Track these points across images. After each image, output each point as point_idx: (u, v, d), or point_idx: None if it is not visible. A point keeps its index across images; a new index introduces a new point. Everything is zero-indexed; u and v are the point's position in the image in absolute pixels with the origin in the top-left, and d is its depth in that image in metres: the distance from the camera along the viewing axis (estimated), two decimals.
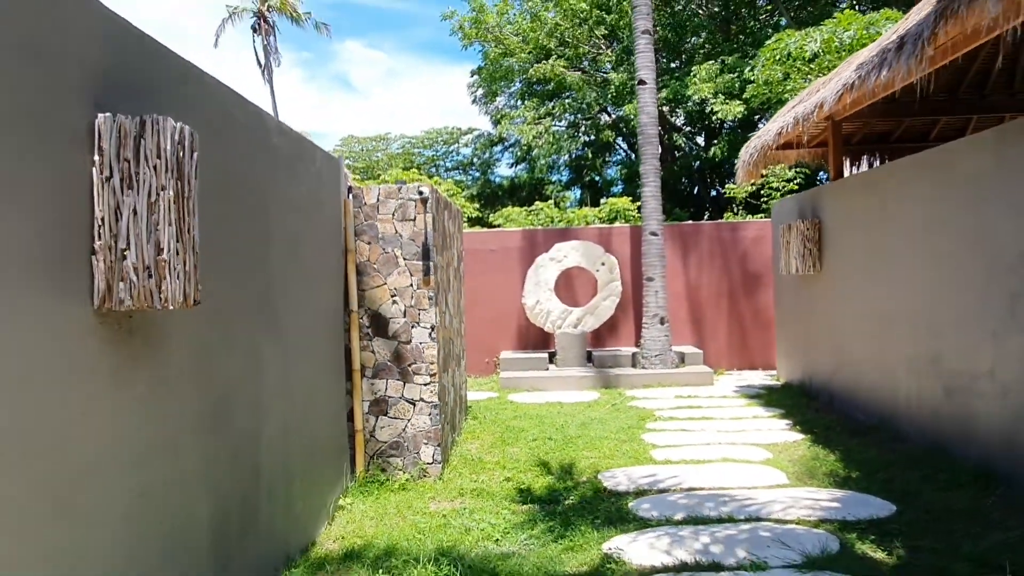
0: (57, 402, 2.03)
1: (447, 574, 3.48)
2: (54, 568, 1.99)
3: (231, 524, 3.12)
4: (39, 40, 1.99)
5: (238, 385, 3.25)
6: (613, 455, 5.80)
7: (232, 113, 3.24)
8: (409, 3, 56.65)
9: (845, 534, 3.91)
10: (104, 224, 2.17)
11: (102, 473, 2.22)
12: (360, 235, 5.31)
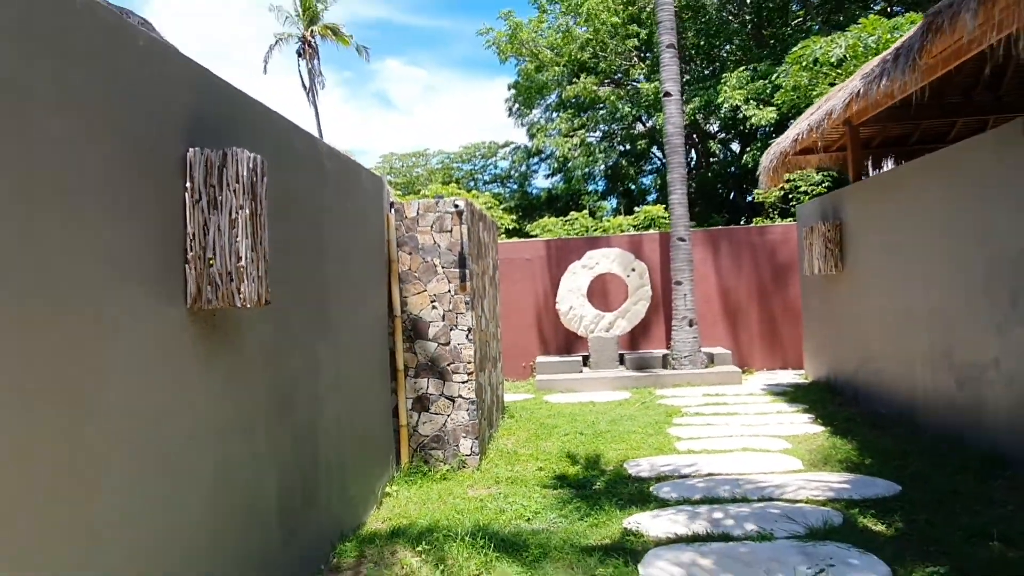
0: (159, 384, 2.52)
1: (482, 546, 3.91)
2: (162, 518, 2.48)
3: (295, 500, 3.60)
4: (148, 89, 2.50)
5: (299, 379, 3.74)
6: (639, 447, 6.17)
7: (291, 142, 3.75)
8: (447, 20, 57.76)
9: (849, 511, 4.24)
10: (195, 238, 2.67)
11: (194, 443, 2.71)
12: (402, 246, 5.81)
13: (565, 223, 17.05)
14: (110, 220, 2.28)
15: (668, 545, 3.85)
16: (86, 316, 2.15)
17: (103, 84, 2.27)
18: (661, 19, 9.89)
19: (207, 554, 2.73)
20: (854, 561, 3.45)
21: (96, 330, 2.19)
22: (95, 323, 2.19)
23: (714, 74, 20.37)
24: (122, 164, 2.35)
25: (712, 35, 19.56)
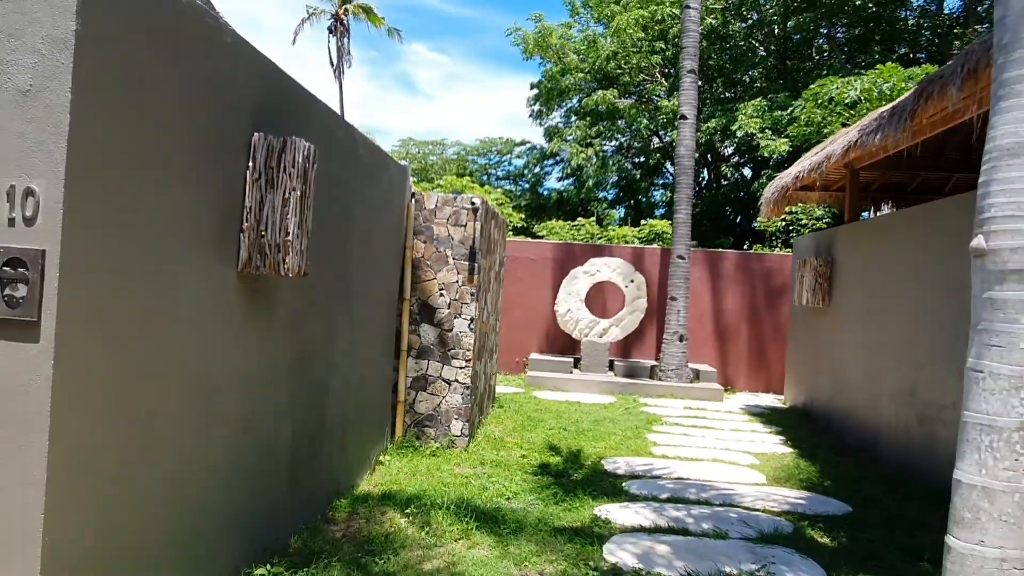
0: (210, 332, 2.91)
1: (464, 516, 4.30)
2: (193, 449, 2.87)
3: (302, 453, 4.00)
4: (228, 80, 2.89)
5: (317, 345, 4.13)
6: (618, 447, 6.57)
7: (334, 130, 4.14)
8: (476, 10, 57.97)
9: (800, 523, 4.64)
10: (251, 212, 3.06)
11: (230, 388, 3.10)
12: (418, 234, 6.20)
13: (572, 228, 17.44)
14: (189, 190, 2.67)
15: (631, 533, 4.25)
16: (164, 269, 2.54)
17: (197, 74, 2.66)
18: (685, 44, 10.28)
19: (226, 483, 3.13)
20: (795, 564, 3.86)
21: (171, 281, 2.59)
22: (171, 275, 2.58)
23: (734, 98, 20.76)
24: (202, 143, 2.74)
25: (736, 60, 19.93)
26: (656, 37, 20.63)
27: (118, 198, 2.26)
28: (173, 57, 2.50)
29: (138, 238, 2.38)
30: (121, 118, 2.24)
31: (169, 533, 2.68)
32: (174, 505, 2.70)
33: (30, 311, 1.99)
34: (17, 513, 2.00)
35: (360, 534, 3.98)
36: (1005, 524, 2.58)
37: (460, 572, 3.53)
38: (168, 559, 2.68)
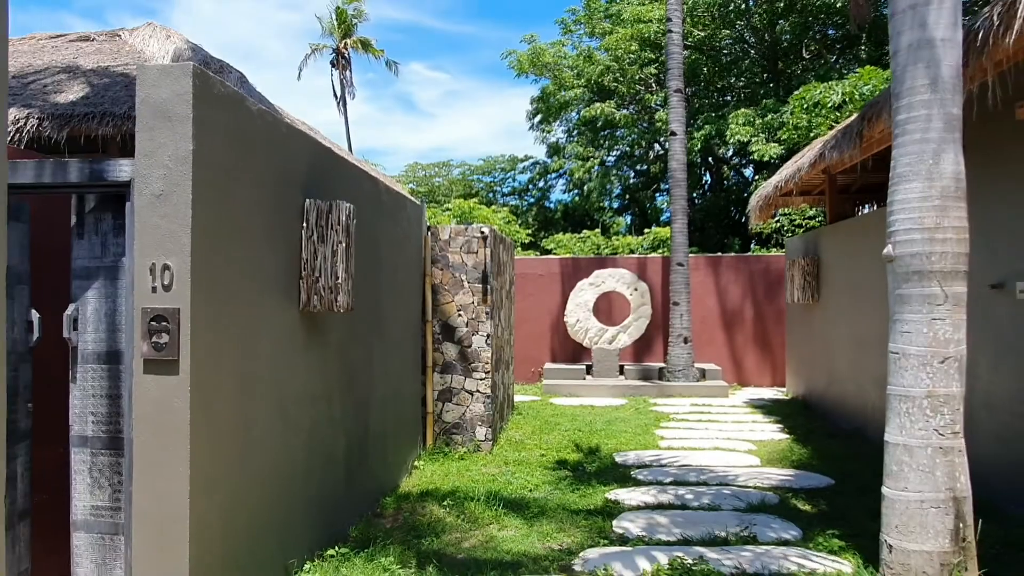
0: (283, 360, 3.66)
1: (493, 505, 5.02)
2: (280, 448, 3.61)
3: (354, 458, 4.74)
4: (286, 160, 3.66)
5: (359, 367, 4.88)
6: (628, 443, 7.27)
7: (363, 185, 4.91)
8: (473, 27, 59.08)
9: (785, 495, 5.32)
10: (307, 263, 3.82)
11: (299, 403, 3.85)
12: (435, 263, 6.95)
13: (578, 240, 18.17)
14: (264, 250, 3.43)
15: (638, 510, 4.95)
16: (253, 313, 3.30)
17: (265, 162, 3.43)
18: (670, 66, 11.03)
19: (303, 482, 3.87)
20: (775, 525, 4.55)
21: (257, 322, 3.35)
22: (257, 317, 3.34)
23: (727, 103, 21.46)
24: (270, 212, 3.51)
25: (725, 68, 20.65)
26: (648, 48, 21.38)
27: (222, 264, 3.02)
28: (250, 153, 3.27)
29: (236, 291, 3.14)
30: (221, 205, 3.00)
31: (267, 519, 3.43)
32: (270, 497, 3.44)
33: (172, 352, 2.75)
34: (173, 497, 2.75)
35: (407, 523, 4.71)
36: (921, 472, 3.27)
37: (495, 547, 4.24)
38: (267, 539, 3.43)
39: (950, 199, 3.29)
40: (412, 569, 3.83)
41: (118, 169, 2.89)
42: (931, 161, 3.30)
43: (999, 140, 5.02)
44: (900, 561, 3.32)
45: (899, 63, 3.42)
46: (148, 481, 2.78)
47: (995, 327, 5.08)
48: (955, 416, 3.32)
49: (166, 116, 2.77)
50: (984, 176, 5.31)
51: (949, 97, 3.28)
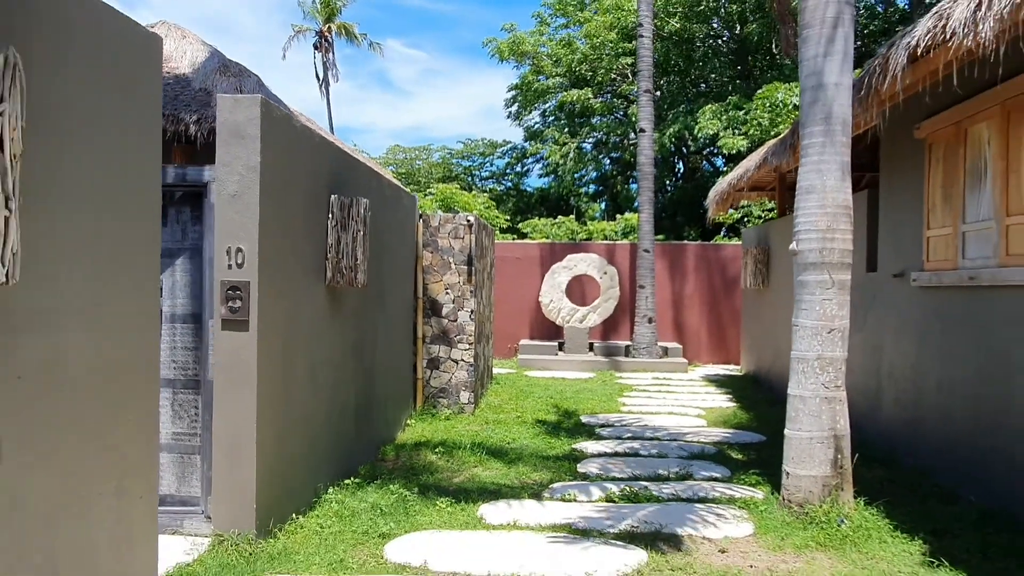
0: (313, 326, 4.55)
1: (478, 451, 5.96)
2: (312, 402, 4.51)
3: (362, 413, 5.64)
4: (317, 163, 4.53)
5: (366, 335, 5.78)
6: (595, 408, 8.26)
7: (371, 182, 5.78)
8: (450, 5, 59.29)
9: (722, 447, 6.34)
10: (332, 247, 4.70)
11: (324, 365, 4.75)
12: (426, 247, 7.84)
13: (554, 225, 19.09)
14: (303, 237, 4.31)
15: (598, 457, 5.94)
16: (295, 286, 4.19)
17: (306, 166, 4.31)
18: (640, 68, 11.94)
19: (326, 429, 4.78)
20: (710, 468, 5.55)
21: (297, 294, 4.23)
22: (298, 290, 4.23)
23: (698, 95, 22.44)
24: (306, 206, 4.38)
25: (697, 62, 21.61)
26: (625, 39, 22.23)
27: (277, 247, 3.90)
28: (295, 160, 4.15)
29: (285, 269, 4.02)
30: (276, 202, 3.88)
31: (301, 451, 4.34)
32: (303, 435, 4.35)
33: (243, 314, 3.64)
34: (243, 426, 3.66)
35: (405, 465, 5.64)
36: (811, 416, 4.27)
37: (480, 481, 5.20)
38: (301, 467, 4.34)
39: (839, 209, 4.27)
40: (415, 492, 4.76)
41: (199, 174, 3.76)
42: (825, 179, 4.27)
43: (903, 156, 6.03)
44: (794, 484, 4.33)
45: (804, 100, 4.37)
46: (224, 413, 3.68)
47: (896, 309, 6.12)
48: (838, 374, 4.33)
49: (240, 135, 3.64)
50: (892, 186, 6.33)
51: (839, 129, 4.24)
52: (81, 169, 2.20)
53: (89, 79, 2.24)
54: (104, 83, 2.32)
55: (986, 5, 3.49)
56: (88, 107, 2.23)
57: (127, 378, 2.57)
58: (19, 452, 2.09)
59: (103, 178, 2.32)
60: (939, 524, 4.22)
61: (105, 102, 2.32)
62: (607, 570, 3.54)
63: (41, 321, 2.13)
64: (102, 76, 2.32)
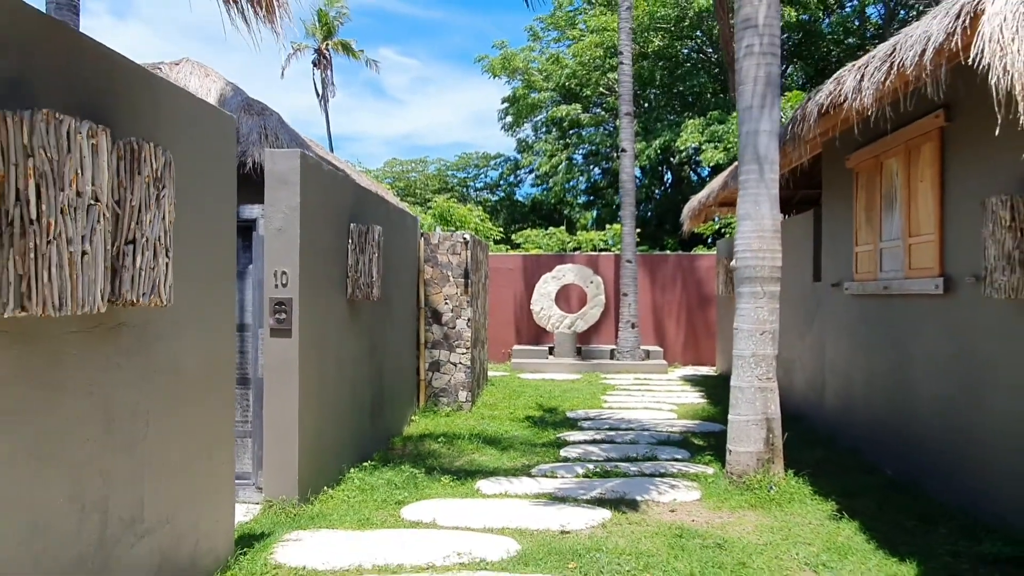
0: (339, 332, 5.48)
1: (475, 440, 6.89)
2: (340, 395, 5.44)
3: (375, 407, 6.56)
4: (341, 197, 5.46)
5: (378, 340, 6.70)
6: (579, 405, 9.20)
7: (380, 209, 6.73)
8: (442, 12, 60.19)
9: (687, 435, 7.29)
10: (352, 266, 5.64)
11: (346, 364, 5.68)
12: (427, 261, 8.77)
13: (545, 235, 20.07)
14: (330, 260, 5.25)
15: (579, 444, 6.87)
16: (326, 300, 5.12)
17: (333, 200, 5.25)
18: (622, 92, 12.93)
19: (347, 419, 5.71)
20: (673, 451, 6.50)
21: (327, 306, 5.17)
22: (328, 303, 5.17)
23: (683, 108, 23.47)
24: (332, 234, 5.32)
25: (680, 77, 22.64)
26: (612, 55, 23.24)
27: (312, 270, 4.84)
28: (324, 197, 5.09)
29: (317, 287, 4.96)
30: (311, 233, 4.82)
31: (330, 438, 5.27)
32: (331, 424, 5.28)
33: (287, 324, 4.57)
34: (288, 414, 4.58)
35: (412, 452, 6.57)
36: (748, 403, 5.22)
37: (477, 464, 6.12)
38: (330, 450, 5.27)
39: (768, 232, 5.22)
40: (422, 472, 5.69)
41: (249, 211, 4.70)
42: (758, 208, 5.22)
43: (839, 182, 7.00)
44: (735, 459, 5.27)
45: (741, 143, 5.33)
46: (273, 403, 4.61)
47: (835, 314, 7.08)
48: (769, 368, 5.27)
49: (284, 182, 4.58)
50: (831, 207, 7.31)
51: (768, 168, 5.20)
52: (193, 218, 3.15)
53: (198, 152, 3.20)
54: (205, 153, 3.28)
55: (867, 77, 4.46)
56: (197, 172, 3.19)
57: (217, 372, 3.52)
58: (159, 424, 3.03)
59: (205, 222, 3.27)
60: (852, 490, 5.16)
61: (207, 168, 3.28)
62: (578, 524, 4.47)
63: (171, 331, 3.07)
64: (204, 149, 3.28)
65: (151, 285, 2.59)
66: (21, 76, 2.22)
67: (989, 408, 4.43)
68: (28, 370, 2.27)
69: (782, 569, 3.78)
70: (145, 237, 2.54)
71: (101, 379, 2.63)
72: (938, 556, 3.94)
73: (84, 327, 2.51)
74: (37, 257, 2.09)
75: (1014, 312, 4.18)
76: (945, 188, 4.99)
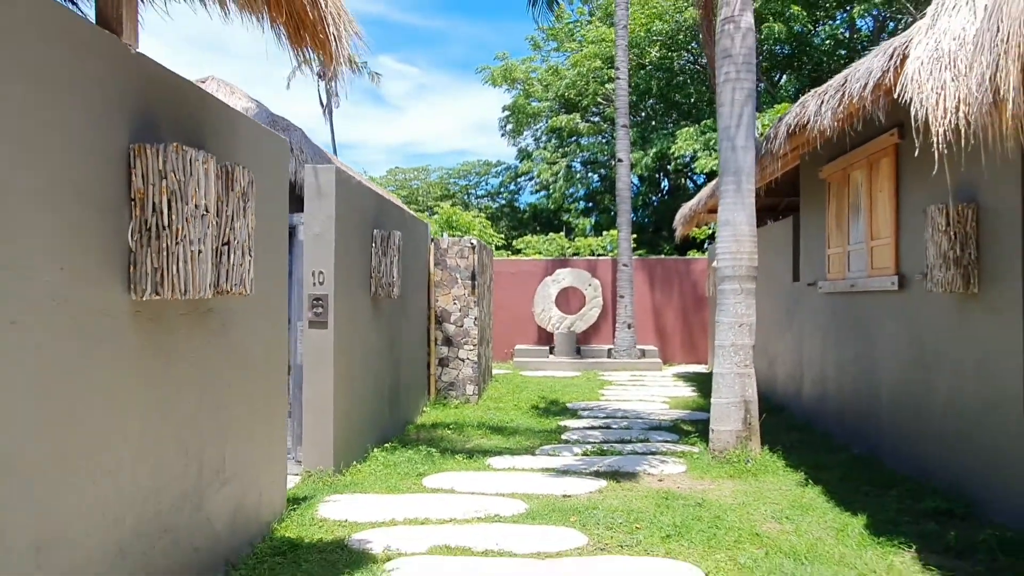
0: (364, 327, 6.16)
1: (482, 428, 7.56)
2: (360, 384, 6.11)
3: (393, 396, 7.23)
4: (366, 206, 6.15)
5: (395, 336, 7.38)
6: (578, 397, 9.87)
7: (398, 216, 7.41)
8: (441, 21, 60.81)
9: (677, 423, 7.96)
10: (375, 268, 6.32)
11: (371, 355, 6.35)
12: (436, 265, 9.46)
13: (545, 241, 20.77)
14: (356, 260, 5.94)
15: (579, 430, 7.55)
16: (354, 297, 5.81)
17: (359, 209, 5.93)
18: (618, 106, 13.64)
19: (370, 405, 6.38)
20: (664, 435, 7.17)
21: (356, 302, 5.85)
22: (356, 300, 5.85)
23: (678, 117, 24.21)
24: (359, 239, 6.00)
25: (676, 87, 23.38)
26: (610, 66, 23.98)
27: (343, 271, 5.52)
28: (352, 206, 5.78)
29: (347, 285, 5.64)
30: (343, 238, 5.50)
31: (357, 420, 5.94)
32: (357, 408, 5.95)
33: (324, 318, 5.25)
34: (324, 395, 5.26)
35: (426, 437, 7.24)
36: (728, 387, 5.89)
37: (485, 446, 6.79)
38: (356, 431, 5.94)
39: (745, 237, 5.91)
40: (438, 451, 6.36)
41: (292, 218, 5.38)
42: (736, 216, 5.91)
43: (814, 191, 7.69)
44: (717, 437, 5.94)
45: (721, 157, 6.02)
46: (311, 387, 5.29)
47: (811, 310, 7.77)
48: (747, 356, 5.95)
49: (321, 193, 5.27)
50: (808, 214, 8.00)
51: (745, 179, 5.89)
52: (260, 225, 3.84)
53: (263, 170, 3.89)
54: (267, 171, 3.97)
55: (825, 103, 5.16)
56: (262, 187, 3.87)
57: (274, 355, 4.20)
58: (235, 394, 3.71)
59: (267, 229, 3.96)
60: (820, 464, 5.84)
61: (268, 183, 3.97)
62: (578, 490, 5.14)
63: (243, 319, 3.75)
64: (267, 167, 3.97)
65: (240, 278, 3.28)
66: (154, 117, 2.91)
67: (935, 387, 5.11)
68: (154, 342, 2.96)
69: (751, 521, 4.45)
70: (237, 240, 3.23)
71: (198, 353, 3.31)
72: (885, 511, 4.61)
73: (187, 310, 3.19)
74: (168, 254, 2.78)
75: (951, 304, 4.87)
76: (899, 197, 5.69)
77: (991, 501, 4.38)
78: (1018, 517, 4.10)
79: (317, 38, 3.42)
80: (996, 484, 4.36)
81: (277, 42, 3.47)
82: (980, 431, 4.54)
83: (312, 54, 3.50)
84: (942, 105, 3.47)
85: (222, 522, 3.54)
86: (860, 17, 24.08)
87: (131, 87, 2.80)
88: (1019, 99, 3.03)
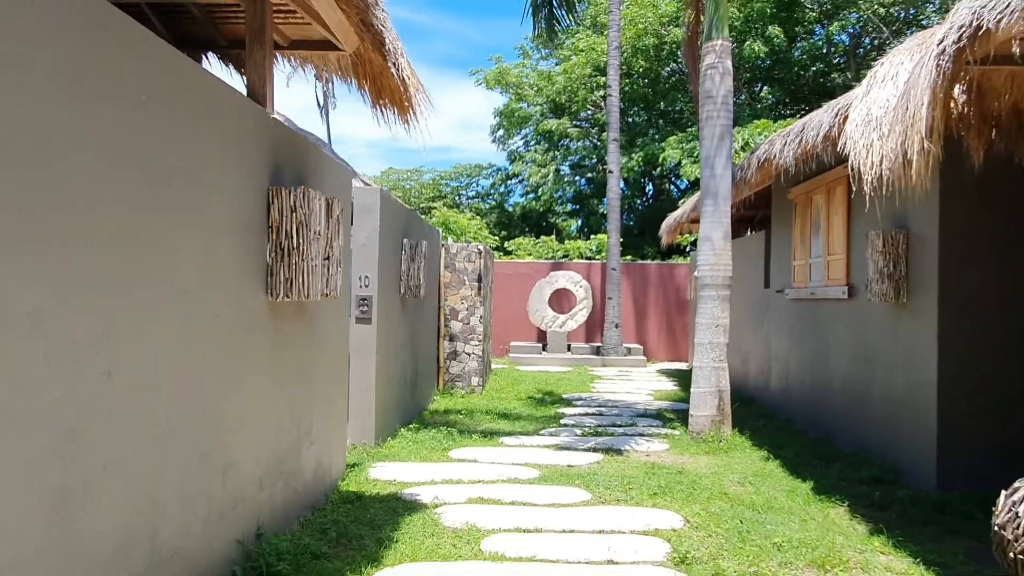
0: (396, 323, 7.16)
1: (490, 414, 8.59)
2: (391, 372, 7.11)
3: (412, 384, 8.24)
4: (398, 218, 7.15)
5: (413, 331, 8.38)
6: (572, 389, 10.93)
7: (419, 225, 8.42)
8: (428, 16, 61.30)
9: (662, 412, 9.04)
10: (404, 271, 7.33)
11: (399, 347, 7.36)
12: (446, 268, 10.46)
13: (536, 244, 21.79)
14: (390, 266, 6.94)
15: (574, 416, 8.60)
16: (388, 298, 6.81)
17: (392, 220, 6.94)
18: (609, 120, 14.71)
19: (399, 388, 7.39)
20: (649, 421, 8.24)
21: (389, 302, 6.86)
22: (389, 300, 6.86)
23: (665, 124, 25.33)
24: (393, 246, 7.00)
25: (663, 95, 24.51)
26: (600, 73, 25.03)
27: (383, 275, 6.53)
28: (390, 219, 6.78)
29: (386, 287, 6.64)
30: (384, 247, 6.51)
31: (389, 402, 6.94)
32: (389, 392, 6.96)
33: (369, 315, 6.26)
34: (368, 379, 6.27)
35: (441, 421, 8.26)
36: (704, 379, 6.97)
37: (494, 429, 7.82)
38: (388, 413, 6.95)
39: (721, 251, 6.98)
40: (456, 432, 7.38)
41: None
42: (714, 233, 6.97)
43: (783, 209, 8.79)
44: (695, 421, 7.01)
45: (703, 182, 7.08)
46: (358, 372, 6.29)
47: (779, 314, 8.87)
48: (721, 352, 7.02)
49: (367, 210, 6.27)
50: (778, 229, 9.10)
51: (722, 202, 6.95)
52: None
53: (339, 196, 4.90)
54: (340, 196, 4.98)
55: (787, 144, 6.25)
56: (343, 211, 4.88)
57: (340, 345, 5.21)
58: (316, 374, 4.72)
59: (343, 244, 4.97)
60: (780, 443, 6.93)
61: (345, 207, 4.98)
62: (579, 462, 6.19)
63: (322, 315, 4.77)
64: (340, 193, 4.98)
65: (335, 285, 4.29)
66: (281, 164, 3.92)
67: (874, 379, 6.21)
68: (279, 331, 3.96)
69: (721, 484, 5.52)
70: (333, 255, 4.24)
71: (298, 341, 4.32)
72: (829, 479, 5.70)
73: (295, 309, 4.20)
74: (295, 268, 3.79)
75: (886, 311, 5.97)
76: (851, 220, 6.78)
77: (910, 469, 5.49)
78: (928, 480, 5.21)
79: (396, 100, 4.41)
80: (914, 455, 5.46)
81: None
82: (905, 413, 5.65)
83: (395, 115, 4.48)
84: (870, 159, 4.54)
85: (310, 473, 4.55)
86: (837, 34, 25.36)
87: (269, 144, 3.81)
88: (921, 160, 4.11)
